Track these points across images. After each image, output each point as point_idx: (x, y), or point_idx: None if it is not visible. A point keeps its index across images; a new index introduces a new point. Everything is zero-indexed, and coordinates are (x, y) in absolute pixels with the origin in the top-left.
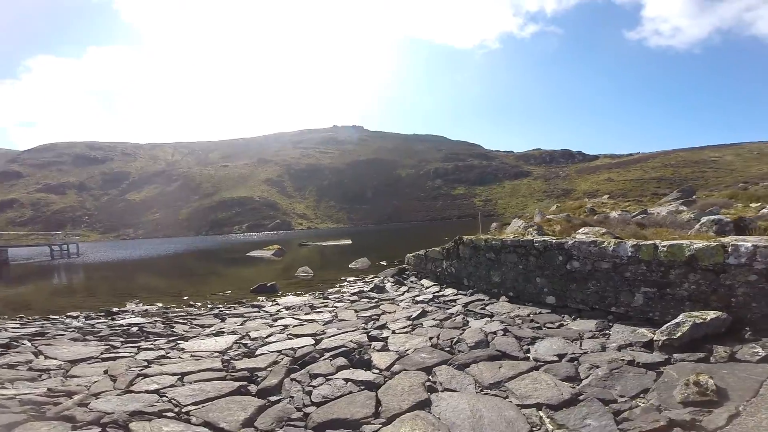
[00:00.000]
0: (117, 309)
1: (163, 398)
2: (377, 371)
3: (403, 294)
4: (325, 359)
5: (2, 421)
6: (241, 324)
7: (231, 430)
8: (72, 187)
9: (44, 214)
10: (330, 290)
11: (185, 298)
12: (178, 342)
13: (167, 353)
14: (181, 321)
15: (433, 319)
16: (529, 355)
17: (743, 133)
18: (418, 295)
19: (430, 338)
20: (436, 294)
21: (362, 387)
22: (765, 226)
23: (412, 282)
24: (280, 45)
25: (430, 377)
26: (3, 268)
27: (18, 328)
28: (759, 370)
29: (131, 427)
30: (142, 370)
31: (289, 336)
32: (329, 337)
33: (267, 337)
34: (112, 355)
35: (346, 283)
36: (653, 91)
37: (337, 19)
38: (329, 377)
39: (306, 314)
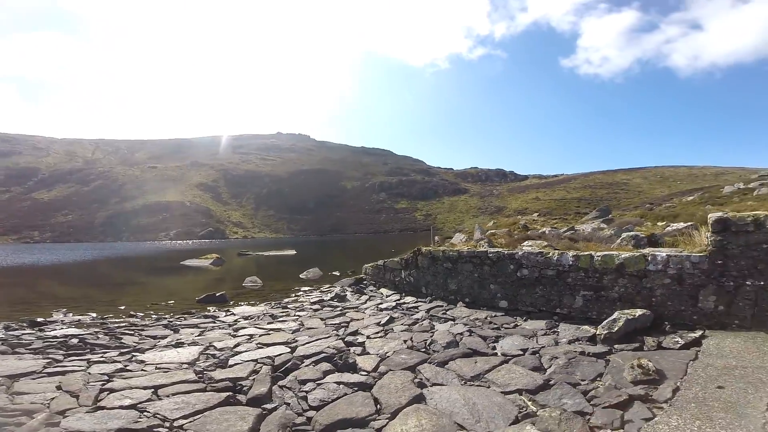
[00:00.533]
0: (42, 319)
1: (145, 414)
2: (365, 373)
3: (365, 302)
4: (307, 365)
5: None
6: (200, 335)
7: None
8: None
9: None
10: (286, 300)
11: (122, 307)
12: (134, 354)
13: (126, 366)
14: (128, 332)
15: (402, 324)
16: (496, 351)
17: (650, 157)
18: (381, 303)
19: (405, 341)
20: (398, 302)
21: (356, 388)
22: (671, 242)
23: (371, 291)
24: (231, 46)
25: (416, 375)
26: None
27: None
28: (682, 355)
29: None
30: (104, 384)
31: (259, 345)
32: (304, 344)
33: (234, 347)
34: (59, 369)
35: (302, 293)
36: (579, 116)
37: (296, 27)
38: (319, 382)
39: (269, 323)
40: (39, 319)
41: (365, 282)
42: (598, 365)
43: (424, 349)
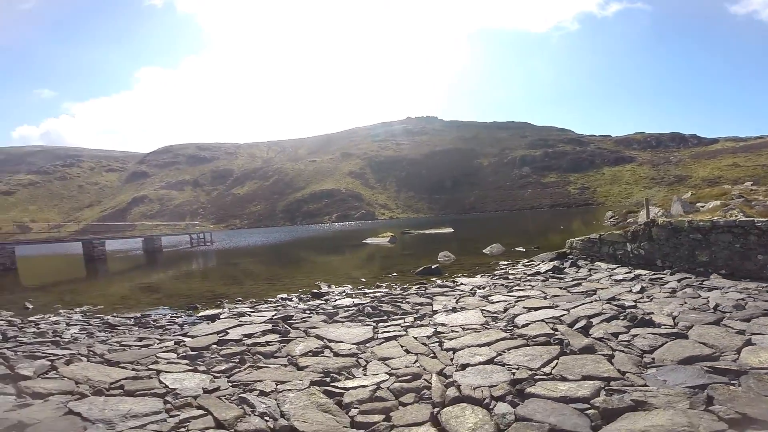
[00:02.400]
0: (317, 291)
1: (507, 366)
2: (667, 327)
3: (591, 274)
4: (600, 323)
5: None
6: (457, 302)
7: (612, 376)
8: (188, 183)
9: (168, 207)
10: (497, 272)
11: (363, 280)
12: (429, 318)
13: (436, 329)
14: (398, 301)
15: (659, 292)
16: None
17: None
18: (612, 276)
19: (681, 304)
20: (635, 274)
21: (673, 337)
22: None
23: (586, 264)
24: (354, 39)
25: (725, 329)
26: (158, 254)
27: (252, 311)
28: None
29: (531, 391)
30: (440, 345)
31: (527, 308)
32: (574, 307)
33: (505, 311)
34: (387, 335)
35: (506, 267)
36: None
37: (408, 13)
38: (632, 334)
39: (509, 292)
40: (315, 291)
41: (571, 256)
42: None
43: (711, 311)
